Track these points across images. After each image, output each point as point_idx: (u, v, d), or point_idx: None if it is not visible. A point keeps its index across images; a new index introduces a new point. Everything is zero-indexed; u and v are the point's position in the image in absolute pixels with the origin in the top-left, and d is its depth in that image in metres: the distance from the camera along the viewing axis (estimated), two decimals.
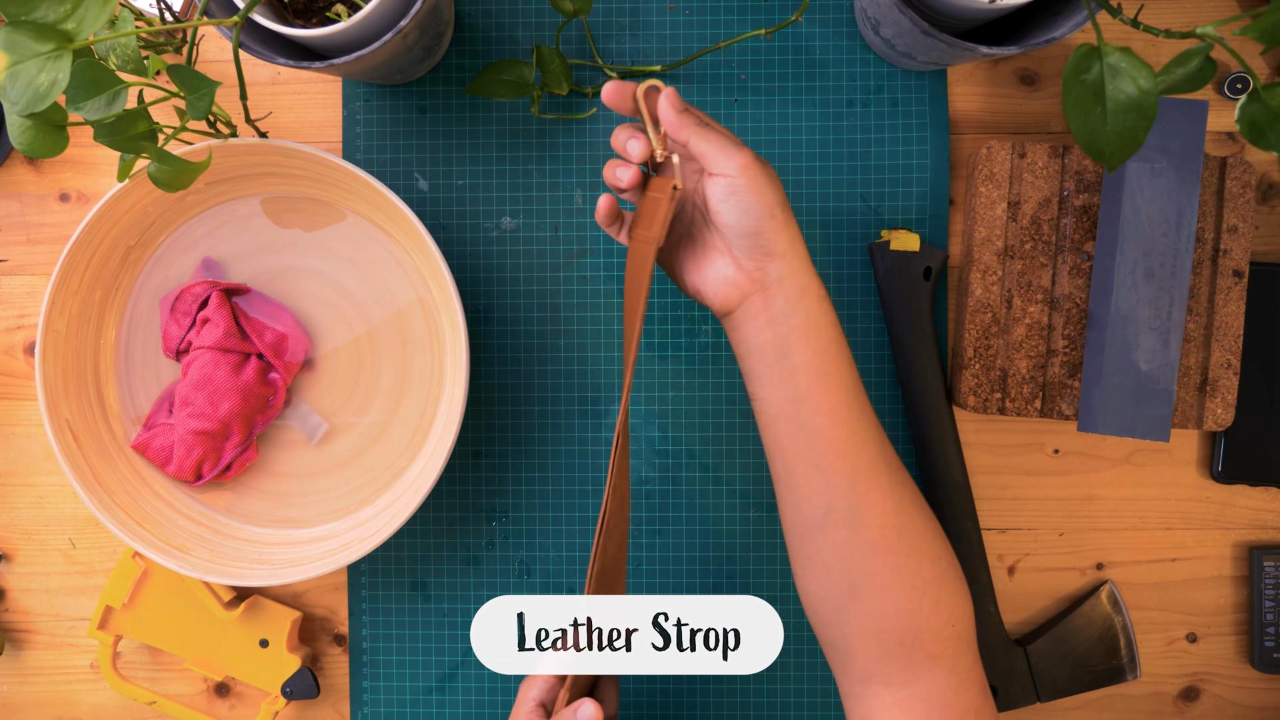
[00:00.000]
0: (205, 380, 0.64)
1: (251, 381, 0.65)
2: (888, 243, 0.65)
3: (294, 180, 0.64)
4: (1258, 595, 0.67)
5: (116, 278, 0.66)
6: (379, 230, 0.66)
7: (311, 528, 0.67)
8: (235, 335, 0.65)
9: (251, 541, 0.66)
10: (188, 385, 0.64)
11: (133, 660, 0.71)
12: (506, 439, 0.69)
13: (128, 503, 0.64)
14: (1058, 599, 0.68)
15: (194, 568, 0.61)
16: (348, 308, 0.67)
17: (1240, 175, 0.62)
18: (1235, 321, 0.63)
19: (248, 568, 0.63)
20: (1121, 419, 0.61)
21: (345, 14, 0.56)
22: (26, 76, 0.42)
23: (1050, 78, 0.67)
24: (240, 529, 0.66)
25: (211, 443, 0.65)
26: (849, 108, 0.67)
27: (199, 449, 0.64)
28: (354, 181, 0.61)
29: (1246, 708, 0.68)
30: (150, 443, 0.65)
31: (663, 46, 0.68)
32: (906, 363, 0.65)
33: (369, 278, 0.66)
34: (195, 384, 0.64)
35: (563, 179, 0.68)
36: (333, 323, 0.67)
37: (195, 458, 0.65)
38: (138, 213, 0.64)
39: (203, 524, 0.66)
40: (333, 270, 0.67)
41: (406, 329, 0.66)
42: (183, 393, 0.65)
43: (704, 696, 0.68)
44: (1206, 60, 0.44)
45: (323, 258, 0.67)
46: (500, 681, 0.69)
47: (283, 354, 0.66)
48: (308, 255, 0.67)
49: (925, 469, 0.66)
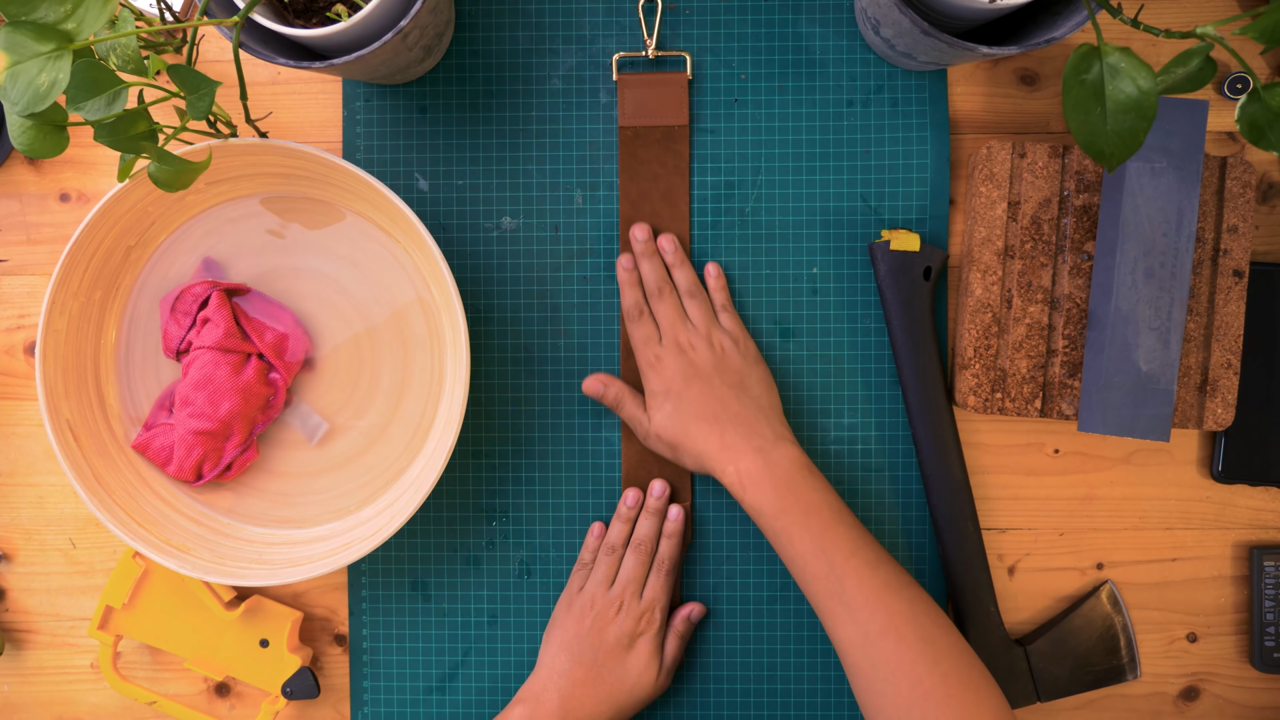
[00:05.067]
0: (206, 380, 0.64)
1: (252, 381, 0.65)
2: (888, 243, 0.65)
3: (294, 180, 0.64)
4: (1258, 595, 0.67)
5: (117, 277, 0.66)
6: (379, 230, 0.66)
7: (312, 528, 0.67)
8: (236, 335, 0.65)
9: (252, 541, 0.66)
10: (188, 385, 0.64)
11: (133, 660, 0.71)
12: (506, 439, 0.69)
13: (128, 503, 0.64)
14: (1058, 599, 0.68)
15: (194, 568, 0.61)
16: (348, 307, 0.67)
17: (1240, 175, 0.62)
18: (1235, 321, 0.63)
19: (248, 568, 0.63)
20: (1121, 419, 0.61)
21: (345, 14, 0.56)
22: (27, 77, 0.42)
23: (1050, 78, 0.67)
24: (240, 529, 0.66)
25: (212, 443, 0.65)
26: (849, 108, 0.67)
27: (199, 449, 0.64)
28: (353, 181, 0.61)
29: (1246, 708, 0.68)
30: (150, 443, 0.65)
31: (662, 46, 0.68)
32: (906, 363, 0.65)
33: (369, 277, 0.66)
34: (195, 384, 0.64)
35: (563, 179, 0.68)
36: (333, 323, 0.67)
37: (196, 458, 0.65)
38: (138, 212, 0.64)
39: (203, 524, 0.66)
40: (333, 270, 0.67)
41: (406, 329, 0.66)
42: (183, 393, 0.65)
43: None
44: (1206, 60, 0.44)
45: (323, 258, 0.67)
46: (500, 682, 0.69)
47: (283, 354, 0.66)
48: (308, 255, 0.67)
49: (925, 469, 0.66)
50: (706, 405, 0.62)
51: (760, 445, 0.60)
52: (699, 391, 0.62)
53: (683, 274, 0.66)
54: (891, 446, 0.68)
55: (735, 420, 0.61)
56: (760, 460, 0.60)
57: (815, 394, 0.68)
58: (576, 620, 0.64)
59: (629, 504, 0.66)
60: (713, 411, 0.61)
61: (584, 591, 0.65)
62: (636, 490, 0.67)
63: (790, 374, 0.68)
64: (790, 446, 0.61)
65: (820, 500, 0.59)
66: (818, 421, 0.68)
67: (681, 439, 0.62)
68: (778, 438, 0.61)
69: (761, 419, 0.62)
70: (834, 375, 0.68)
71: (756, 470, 0.59)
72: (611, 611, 0.63)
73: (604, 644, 0.63)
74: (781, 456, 0.60)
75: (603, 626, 0.63)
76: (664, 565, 0.65)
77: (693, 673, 0.68)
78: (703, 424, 0.61)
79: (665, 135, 0.67)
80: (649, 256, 0.66)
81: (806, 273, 0.68)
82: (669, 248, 0.66)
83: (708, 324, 0.65)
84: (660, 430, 0.63)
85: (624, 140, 0.67)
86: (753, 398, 0.63)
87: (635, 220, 0.67)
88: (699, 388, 0.62)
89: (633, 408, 0.65)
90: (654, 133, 0.67)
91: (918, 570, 0.68)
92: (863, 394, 0.68)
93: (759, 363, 0.65)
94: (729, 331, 0.65)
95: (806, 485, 0.59)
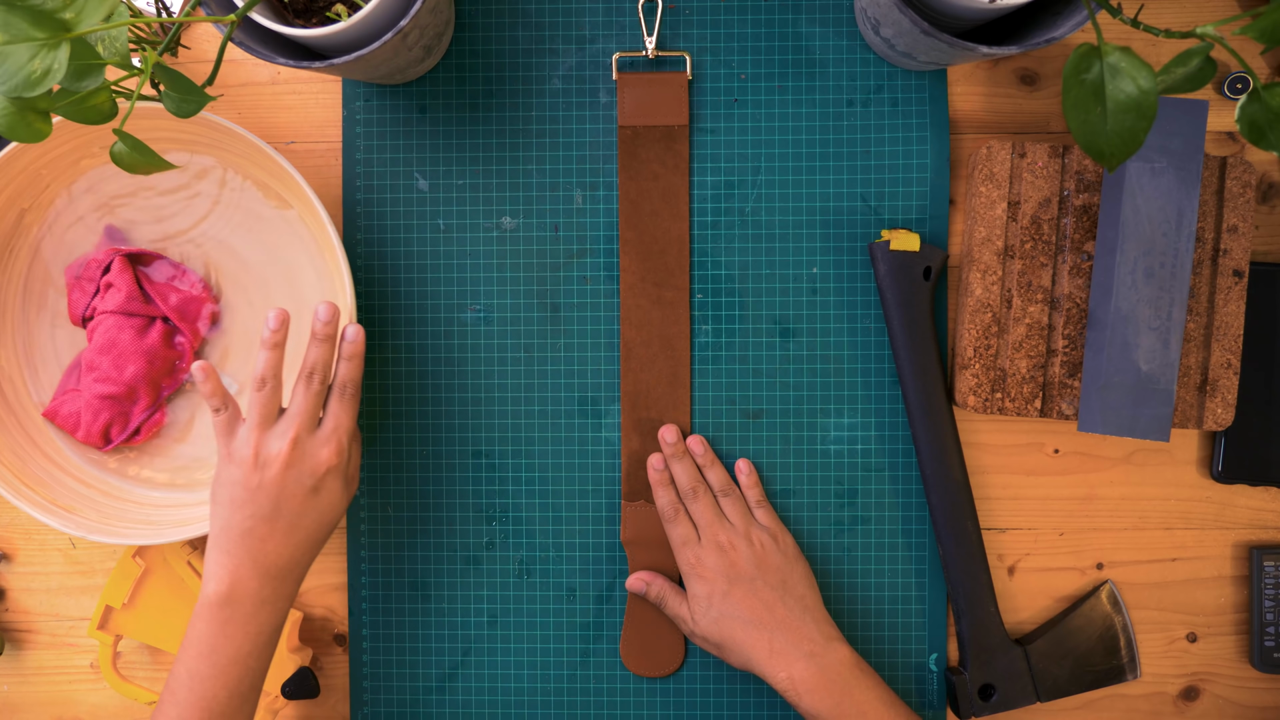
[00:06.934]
0: (109, 344, 0.65)
1: (157, 344, 0.65)
2: (888, 243, 0.65)
3: (192, 146, 0.65)
4: (1258, 595, 0.67)
5: (10, 240, 0.67)
6: (274, 197, 0.67)
7: (203, 491, 0.67)
8: (138, 299, 0.65)
9: (141, 504, 0.67)
10: (93, 350, 0.65)
11: (133, 660, 0.71)
12: (506, 439, 0.69)
13: (15, 463, 0.65)
14: (1058, 599, 0.68)
15: (78, 527, 0.63)
16: (245, 275, 0.68)
17: (1240, 175, 0.62)
18: (1235, 321, 0.63)
19: (133, 528, 0.64)
20: (1121, 419, 0.61)
21: (345, 14, 0.56)
22: (18, 59, 0.42)
23: (1050, 78, 0.67)
24: (133, 491, 0.68)
25: (118, 407, 0.65)
26: (849, 108, 0.67)
27: (106, 413, 0.65)
28: (245, 145, 0.62)
29: (1246, 708, 0.68)
30: (59, 409, 0.66)
31: (663, 46, 0.68)
32: (906, 363, 0.65)
33: (264, 245, 0.67)
34: (100, 348, 0.65)
35: (562, 179, 0.68)
36: (233, 289, 0.68)
37: (103, 422, 0.65)
38: (31, 174, 0.64)
39: (93, 485, 0.67)
40: (230, 237, 0.67)
41: (300, 296, 0.67)
42: (88, 358, 0.65)
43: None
44: (1206, 60, 0.44)
45: (221, 225, 0.67)
46: (500, 682, 0.69)
47: (188, 317, 0.66)
48: (208, 222, 0.67)
49: (925, 469, 0.66)
50: (752, 609, 0.62)
51: (811, 650, 0.61)
52: (743, 595, 0.62)
53: (715, 474, 0.67)
54: (891, 446, 0.68)
55: (782, 625, 0.61)
56: (813, 666, 0.60)
57: (815, 394, 0.68)
58: (243, 470, 0.57)
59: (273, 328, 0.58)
60: (758, 616, 0.62)
61: (245, 435, 0.58)
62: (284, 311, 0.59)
63: (790, 374, 0.68)
64: (841, 646, 0.61)
65: (875, 698, 0.60)
66: (818, 421, 0.68)
67: (728, 642, 0.62)
68: (827, 639, 0.61)
69: (809, 620, 0.62)
70: (834, 375, 0.68)
71: (810, 677, 0.60)
72: (286, 451, 0.57)
73: (285, 490, 0.57)
74: (833, 659, 0.60)
75: (281, 470, 0.57)
76: (346, 389, 0.60)
77: (693, 672, 0.68)
78: (750, 629, 0.61)
79: (665, 135, 0.67)
80: (680, 458, 0.66)
81: (806, 273, 0.68)
82: (699, 449, 0.67)
83: (745, 522, 0.65)
84: (706, 634, 0.63)
85: (624, 140, 0.67)
86: (797, 597, 0.63)
87: (635, 220, 0.67)
88: (742, 590, 0.62)
89: (676, 605, 0.65)
90: (654, 132, 0.67)
91: (918, 570, 0.68)
92: (863, 394, 0.68)
93: (799, 559, 0.65)
94: (767, 528, 0.65)
95: (860, 685, 0.60)
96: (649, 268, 0.68)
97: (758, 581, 0.63)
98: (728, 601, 0.62)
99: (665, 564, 0.67)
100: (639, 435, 0.68)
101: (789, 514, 0.68)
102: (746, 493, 0.67)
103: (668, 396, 0.68)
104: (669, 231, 0.68)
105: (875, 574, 0.68)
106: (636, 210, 0.68)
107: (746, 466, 0.67)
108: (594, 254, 0.68)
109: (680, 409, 0.68)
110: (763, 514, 0.66)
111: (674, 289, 0.68)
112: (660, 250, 0.67)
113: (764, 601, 0.62)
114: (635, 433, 0.68)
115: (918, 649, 0.68)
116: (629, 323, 0.68)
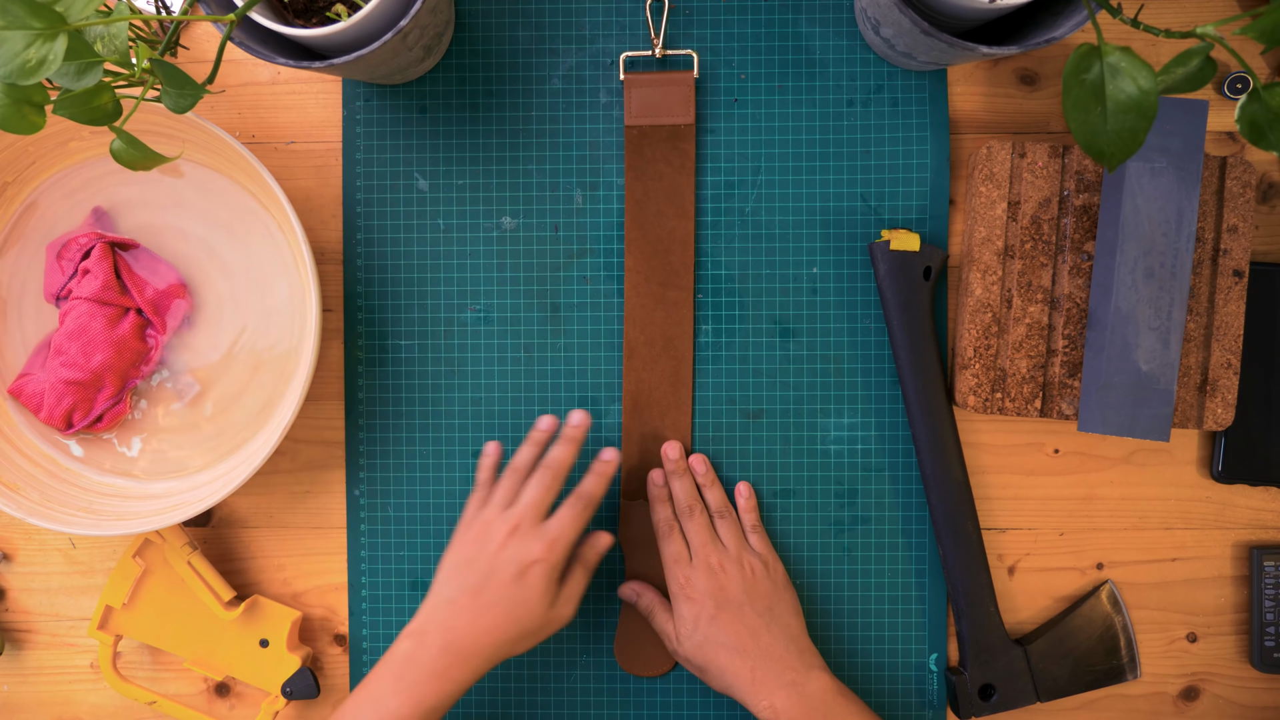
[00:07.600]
0: (80, 330, 0.65)
1: (127, 336, 0.66)
2: (888, 243, 0.65)
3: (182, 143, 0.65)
4: (1258, 595, 0.67)
5: None
6: (255, 201, 0.67)
7: (148, 481, 0.68)
8: (114, 288, 0.65)
9: (85, 489, 0.67)
10: (62, 335, 0.65)
11: (133, 660, 0.71)
12: (506, 439, 0.69)
13: None
14: (1058, 599, 0.68)
15: (19, 507, 0.62)
16: (218, 273, 0.68)
17: (1240, 175, 0.62)
18: (1235, 321, 0.63)
19: (74, 515, 0.64)
20: (1121, 419, 0.61)
21: (345, 14, 0.56)
22: (13, 46, 0.41)
23: (1050, 78, 0.67)
24: (79, 475, 0.67)
25: (82, 393, 0.65)
26: (849, 108, 0.67)
27: (69, 398, 0.65)
28: (229, 150, 0.62)
29: (1246, 708, 0.68)
30: (24, 388, 0.67)
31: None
32: (906, 363, 0.65)
33: (242, 245, 0.67)
34: (70, 334, 0.65)
35: (563, 179, 0.68)
36: (205, 286, 0.68)
37: (65, 406, 0.65)
38: (17, 150, 0.65)
39: (40, 464, 0.67)
40: (208, 235, 0.67)
41: (270, 300, 0.67)
42: (57, 342, 0.66)
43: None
44: (1206, 60, 0.44)
45: (201, 221, 0.67)
46: (500, 682, 0.69)
47: (162, 311, 0.67)
48: (189, 217, 0.67)
49: (925, 469, 0.66)
50: (736, 635, 0.62)
51: (793, 680, 0.60)
52: (729, 620, 0.62)
53: (713, 494, 0.66)
54: (891, 446, 0.68)
55: (765, 653, 0.61)
56: (795, 696, 0.60)
57: (815, 394, 0.68)
58: (468, 544, 0.60)
59: (542, 428, 0.63)
60: (742, 643, 0.61)
61: (481, 514, 0.61)
62: (554, 418, 0.64)
63: (790, 374, 0.68)
64: (821, 674, 0.61)
65: None
66: (818, 421, 0.68)
67: (711, 667, 0.62)
68: (808, 667, 0.61)
69: (792, 649, 0.62)
70: (834, 375, 0.68)
71: (792, 706, 0.59)
72: (504, 535, 0.59)
73: (494, 571, 0.59)
74: (815, 688, 0.60)
75: (495, 552, 0.59)
76: (584, 499, 0.61)
77: (687, 672, 0.68)
78: (733, 655, 0.61)
79: (671, 134, 0.67)
80: (680, 475, 0.66)
81: (806, 273, 0.68)
82: (700, 469, 0.67)
83: (739, 546, 0.65)
84: (690, 656, 0.63)
85: (630, 139, 0.67)
86: (782, 626, 0.63)
87: (640, 220, 0.67)
88: (729, 616, 0.62)
89: (662, 622, 0.65)
90: (660, 132, 0.67)
91: (918, 570, 0.68)
92: (863, 394, 0.68)
93: (788, 587, 0.65)
94: (759, 554, 0.65)
95: (842, 712, 0.60)
96: (654, 267, 0.68)
97: (745, 608, 0.62)
98: (714, 626, 0.62)
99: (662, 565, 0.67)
100: (639, 435, 0.68)
101: (789, 514, 0.68)
102: (743, 516, 0.67)
103: (669, 396, 0.68)
104: (674, 231, 0.67)
105: (875, 574, 0.68)
106: (642, 210, 0.68)
107: (746, 490, 0.67)
108: (594, 254, 0.68)
109: (681, 409, 0.68)
110: (757, 539, 0.66)
111: (678, 289, 0.68)
112: (665, 250, 0.67)
113: (749, 628, 0.62)
114: (636, 432, 0.68)
115: (918, 649, 0.68)
116: (632, 322, 0.68)
